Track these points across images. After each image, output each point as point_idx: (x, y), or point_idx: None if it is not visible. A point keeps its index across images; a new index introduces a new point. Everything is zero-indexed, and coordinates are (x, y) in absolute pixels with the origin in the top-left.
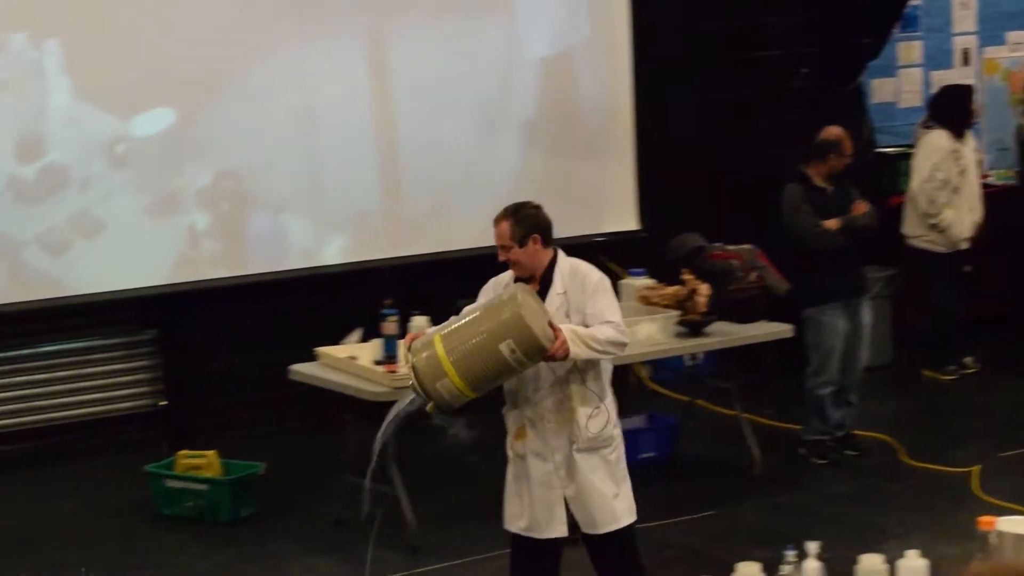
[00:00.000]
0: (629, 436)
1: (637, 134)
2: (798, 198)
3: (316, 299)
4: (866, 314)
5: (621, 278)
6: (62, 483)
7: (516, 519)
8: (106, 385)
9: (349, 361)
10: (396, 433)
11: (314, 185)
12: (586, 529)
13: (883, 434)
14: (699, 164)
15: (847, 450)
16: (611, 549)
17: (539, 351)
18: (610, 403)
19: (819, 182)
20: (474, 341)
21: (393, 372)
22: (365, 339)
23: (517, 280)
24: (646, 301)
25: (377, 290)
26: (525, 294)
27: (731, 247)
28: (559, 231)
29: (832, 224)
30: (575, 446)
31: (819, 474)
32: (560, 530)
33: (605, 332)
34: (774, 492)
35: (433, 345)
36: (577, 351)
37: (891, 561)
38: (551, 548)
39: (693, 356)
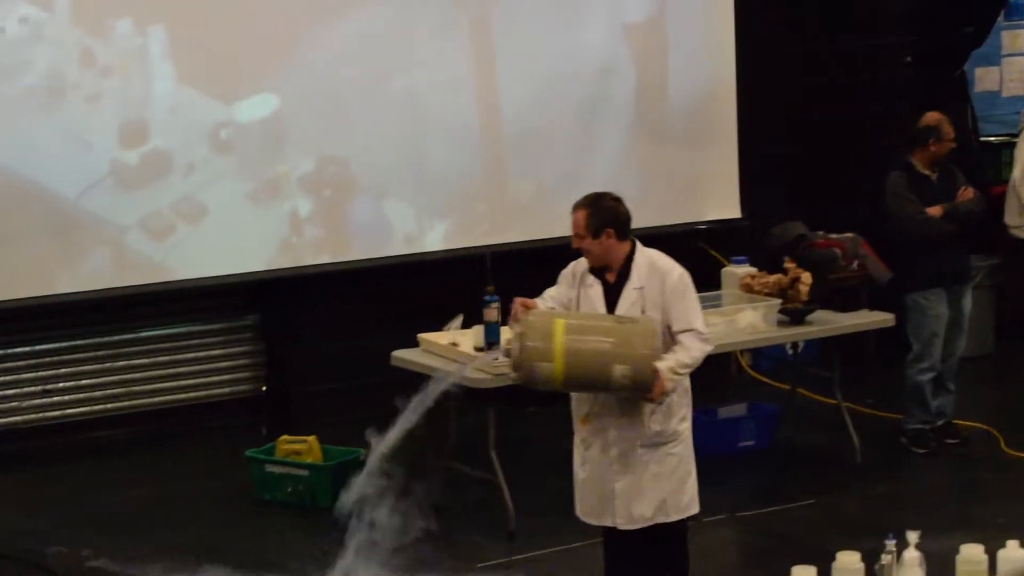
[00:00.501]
0: (730, 424)
1: (740, 121)
2: (902, 186)
3: (418, 285)
4: (968, 302)
5: (723, 266)
6: (164, 468)
7: (581, 508)
8: (207, 370)
9: (450, 348)
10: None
11: (417, 171)
12: (626, 524)
13: (984, 424)
14: (802, 152)
15: (947, 439)
16: (660, 543)
17: (643, 391)
18: (675, 399)
19: (922, 169)
20: (595, 348)
21: (495, 359)
22: (466, 326)
23: (591, 270)
24: (748, 289)
25: (479, 277)
26: (648, 325)
27: (834, 236)
28: (661, 219)
29: (936, 211)
30: (639, 442)
31: (920, 464)
32: (618, 522)
33: (693, 352)
34: (875, 482)
35: (552, 326)
36: (671, 385)
37: (991, 552)
38: (616, 539)
39: (794, 344)
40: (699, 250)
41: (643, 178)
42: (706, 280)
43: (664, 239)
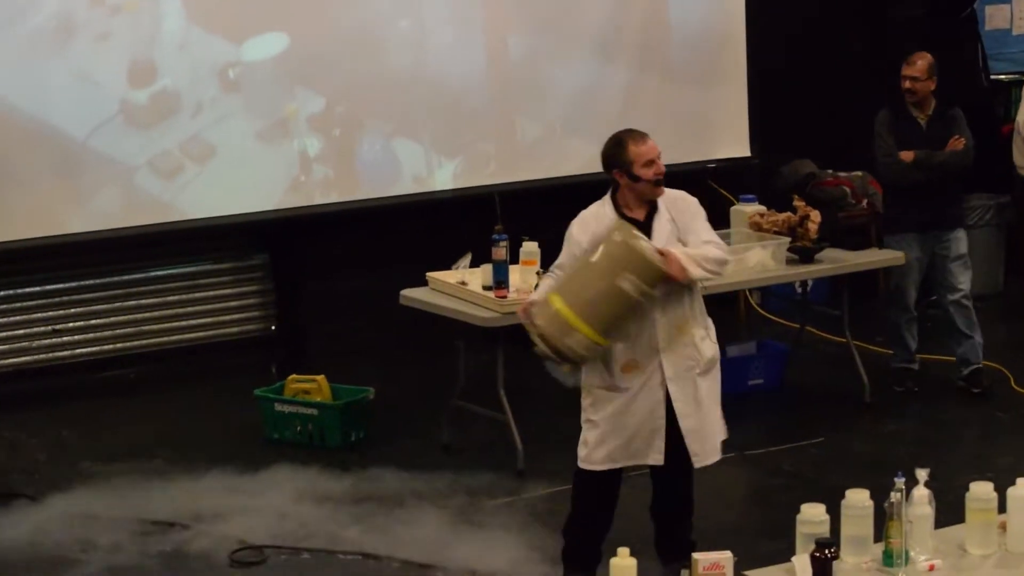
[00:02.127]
0: (739, 363)
1: (749, 60)
2: (883, 124)
3: (427, 224)
4: (958, 246)
5: (732, 204)
6: (173, 407)
7: (610, 455)
8: (217, 310)
9: (459, 286)
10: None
11: (426, 110)
12: (702, 461)
13: (993, 362)
14: (811, 90)
15: (973, 388)
16: (680, 474)
17: (658, 276)
18: (711, 326)
19: (912, 111)
20: (593, 287)
21: (503, 297)
22: (475, 264)
23: (620, 210)
24: (757, 227)
25: (487, 216)
26: (623, 227)
27: (843, 174)
28: (671, 157)
29: (907, 156)
30: (696, 371)
31: (929, 402)
32: (657, 458)
33: (712, 251)
34: (884, 420)
35: (551, 304)
36: (694, 271)
37: (1001, 489)
38: (616, 480)
39: (803, 283)
40: (708, 188)
41: (652, 116)
42: (715, 218)
43: (673, 177)
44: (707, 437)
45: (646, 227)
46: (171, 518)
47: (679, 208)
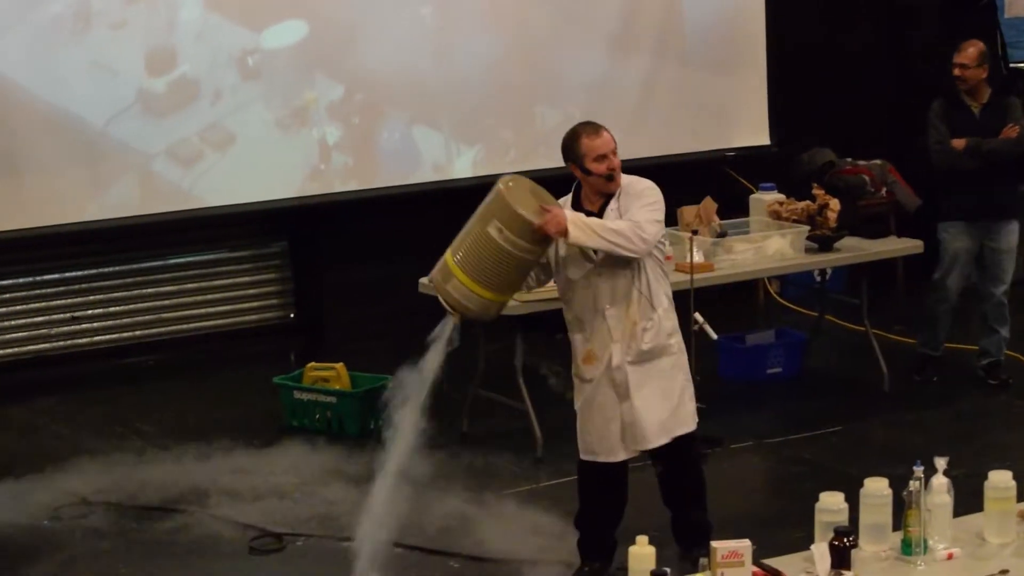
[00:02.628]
0: (758, 351)
1: (768, 48)
2: (936, 113)
3: (446, 212)
4: (1006, 240)
5: (751, 193)
6: (192, 395)
7: (588, 447)
8: (235, 297)
9: None
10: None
11: (445, 98)
12: (635, 447)
13: (1014, 352)
14: (830, 78)
15: (991, 379)
16: (673, 459)
17: (525, 226)
18: (663, 314)
19: (965, 99)
20: (469, 235)
21: None
22: None
23: (576, 203)
24: (776, 216)
25: None
26: (513, 179)
27: (862, 162)
28: (689, 145)
29: (959, 144)
30: (628, 358)
31: (948, 391)
32: (622, 455)
33: (618, 224)
34: (902, 408)
35: (444, 255)
36: (577, 233)
37: (1020, 478)
38: (614, 470)
39: (822, 271)
40: (727, 177)
41: (671, 104)
42: (734, 207)
43: (692, 166)
44: (638, 425)
45: (598, 216)
46: (190, 504)
47: (628, 193)
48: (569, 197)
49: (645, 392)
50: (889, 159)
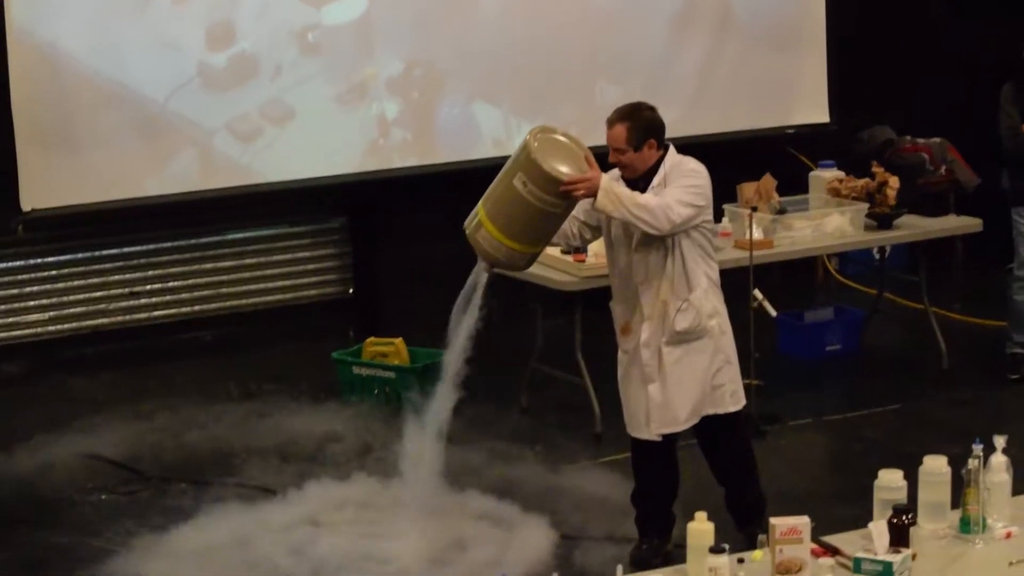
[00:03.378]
0: (817, 329)
1: (828, 26)
2: (1006, 98)
3: None
4: None
5: (810, 171)
6: (250, 370)
7: (627, 421)
8: (294, 273)
9: None
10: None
11: (506, 73)
12: (661, 429)
13: None
14: (890, 56)
15: (1010, 373)
16: (714, 438)
17: (549, 181)
18: (702, 295)
19: None
20: (497, 186)
21: (582, 261)
22: None
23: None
24: (835, 193)
25: None
26: (542, 131)
27: (921, 140)
28: (749, 122)
29: None
30: (664, 339)
31: (1007, 369)
32: (652, 434)
33: (644, 199)
34: (961, 387)
35: (477, 204)
36: (604, 200)
37: None
38: (661, 446)
39: (881, 249)
40: (787, 154)
41: (730, 82)
42: (794, 184)
43: (751, 143)
44: (668, 407)
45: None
46: (249, 480)
47: (674, 172)
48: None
49: (678, 374)
50: (948, 138)
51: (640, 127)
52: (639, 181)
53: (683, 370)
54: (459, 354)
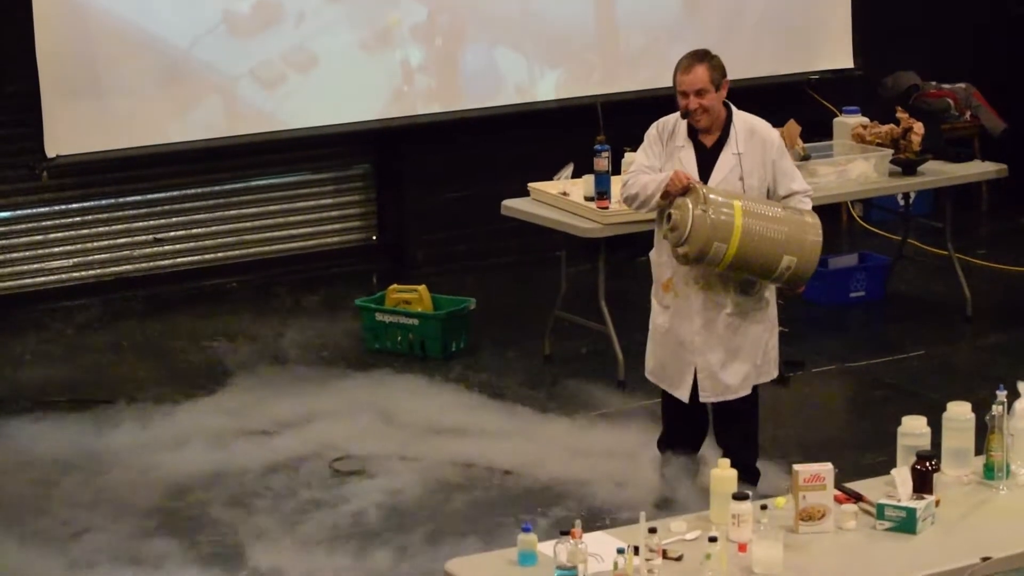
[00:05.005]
0: (841, 275)
1: None
2: None
3: (529, 135)
4: None
5: (835, 116)
6: (273, 318)
7: (652, 370)
8: (318, 219)
9: (561, 197)
10: (605, 270)
11: (528, 21)
12: (712, 397)
13: None
14: (915, 1)
15: None
16: (735, 415)
17: (799, 282)
18: (754, 307)
19: None
20: (771, 236)
21: (605, 208)
22: (576, 175)
23: (691, 131)
24: (860, 139)
25: (590, 126)
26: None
27: (946, 86)
28: (773, 69)
29: None
30: (726, 310)
31: None
32: (684, 394)
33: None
34: (985, 333)
35: (734, 212)
36: None
37: None
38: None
39: (906, 195)
40: (811, 100)
41: (755, 27)
42: (818, 130)
43: (776, 89)
44: (722, 373)
45: (712, 155)
46: (271, 427)
47: (757, 148)
48: (682, 124)
49: (736, 343)
50: (974, 82)
51: (718, 66)
52: (708, 134)
53: (740, 340)
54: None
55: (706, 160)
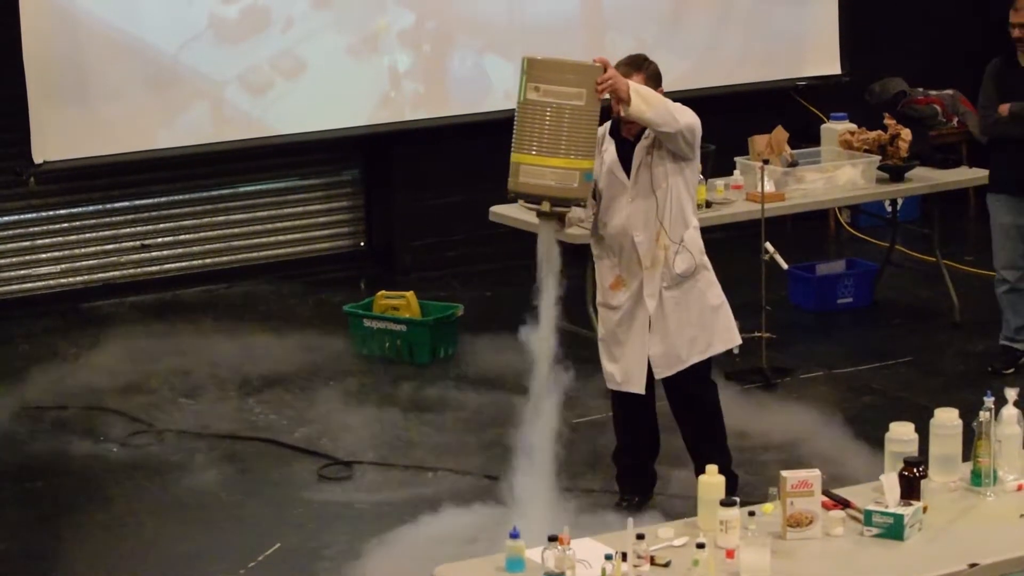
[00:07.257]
0: (829, 281)
1: None
2: (989, 74)
3: None
4: None
5: (822, 122)
6: (261, 323)
7: (609, 375)
8: (306, 225)
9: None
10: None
11: (516, 26)
12: (664, 372)
13: None
14: (902, 7)
15: (1001, 367)
16: (684, 385)
17: (560, 72)
18: (693, 234)
19: (1022, 61)
20: (517, 122)
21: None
22: None
23: (614, 131)
24: (847, 145)
25: None
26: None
27: (934, 92)
28: (760, 74)
29: (1003, 109)
30: (664, 284)
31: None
32: (639, 388)
33: (665, 101)
34: (973, 339)
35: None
36: (638, 101)
37: None
38: (636, 401)
39: (893, 201)
40: (798, 106)
41: (743, 33)
42: (805, 136)
43: (763, 95)
44: (669, 350)
45: (630, 146)
46: (259, 433)
47: None
48: (607, 124)
49: (678, 315)
50: (961, 89)
51: (653, 74)
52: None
53: (682, 311)
54: (550, 329)
55: (626, 151)
